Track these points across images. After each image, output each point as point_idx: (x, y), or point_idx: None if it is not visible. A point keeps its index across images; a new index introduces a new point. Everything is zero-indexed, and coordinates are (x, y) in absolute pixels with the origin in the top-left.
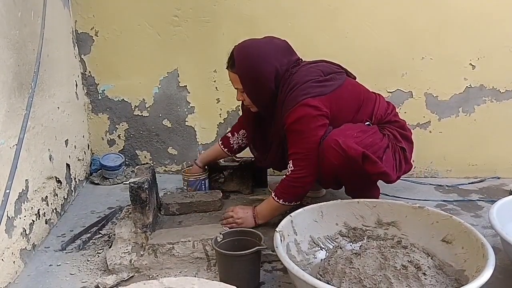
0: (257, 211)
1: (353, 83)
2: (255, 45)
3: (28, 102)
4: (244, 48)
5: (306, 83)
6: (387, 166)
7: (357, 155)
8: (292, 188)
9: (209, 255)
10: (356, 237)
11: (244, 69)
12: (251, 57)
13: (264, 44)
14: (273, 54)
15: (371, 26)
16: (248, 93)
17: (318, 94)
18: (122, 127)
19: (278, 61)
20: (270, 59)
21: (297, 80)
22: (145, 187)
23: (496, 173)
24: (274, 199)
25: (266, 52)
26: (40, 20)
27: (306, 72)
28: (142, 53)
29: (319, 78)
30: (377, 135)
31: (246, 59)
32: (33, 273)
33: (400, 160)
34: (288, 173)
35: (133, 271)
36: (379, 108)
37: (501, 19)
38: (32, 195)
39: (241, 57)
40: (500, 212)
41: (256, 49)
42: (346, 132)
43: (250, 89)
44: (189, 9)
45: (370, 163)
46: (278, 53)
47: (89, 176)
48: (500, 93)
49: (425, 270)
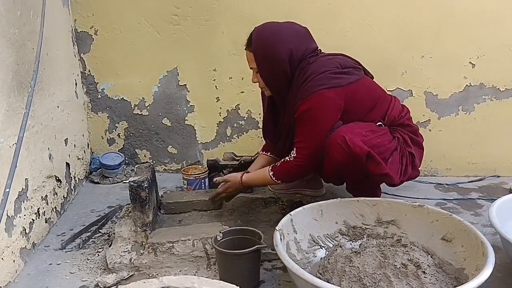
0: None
1: (370, 81)
2: (274, 27)
3: (28, 101)
4: (262, 28)
5: (323, 73)
6: (391, 169)
7: (362, 153)
8: (291, 173)
9: (209, 254)
10: (356, 235)
11: (259, 48)
12: (267, 37)
13: (283, 27)
14: (290, 37)
15: (371, 25)
16: (261, 73)
17: (334, 85)
18: (122, 126)
19: (294, 44)
20: (286, 41)
21: (314, 69)
22: (145, 186)
23: (496, 171)
24: (270, 175)
25: (283, 34)
26: (40, 18)
27: (323, 63)
28: (142, 52)
29: (336, 69)
30: (386, 137)
31: (262, 38)
32: (33, 272)
33: (407, 165)
34: (291, 159)
35: (133, 270)
36: (393, 110)
37: (501, 17)
38: (31, 194)
39: (258, 36)
40: (500, 210)
41: (274, 30)
42: (354, 129)
43: (263, 69)
44: (188, 7)
45: (374, 163)
46: (296, 37)
47: (89, 175)
48: (500, 91)
49: (425, 268)
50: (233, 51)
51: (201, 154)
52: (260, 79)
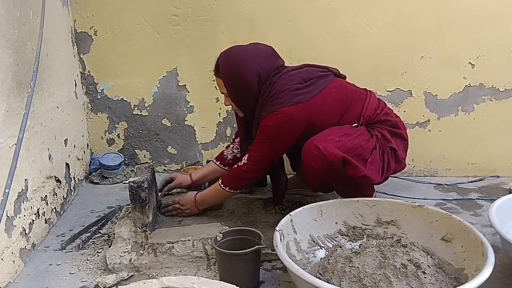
0: (198, 198)
1: (338, 85)
2: (238, 51)
3: (27, 101)
4: (228, 54)
5: (284, 91)
6: (371, 169)
7: (337, 160)
8: (239, 179)
9: (209, 254)
10: (355, 236)
11: (227, 74)
12: (233, 62)
13: (248, 50)
14: (256, 59)
15: (370, 25)
16: (232, 97)
17: (295, 102)
18: (122, 127)
19: (260, 65)
20: (252, 64)
21: (277, 89)
22: (144, 186)
23: (496, 171)
24: (221, 186)
25: (249, 57)
26: (39, 19)
27: (286, 80)
28: (141, 52)
29: (298, 85)
30: (363, 137)
31: (229, 64)
32: (33, 272)
33: (389, 161)
34: (241, 164)
35: (132, 270)
36: (368, 108)
37: (500, 17)
38: (31, 194)
39: (224, 62)
40: (500, 210)
41: (239, 54)
42: (327, 137)
43: (233, 93)
44: (188, 8)
45: (351, 167)
46: (261, 58)
47: (89, 175)
48: (500, 92)
49: (425, 268)
50: None
51: (201, 154)
52: (232, 102)
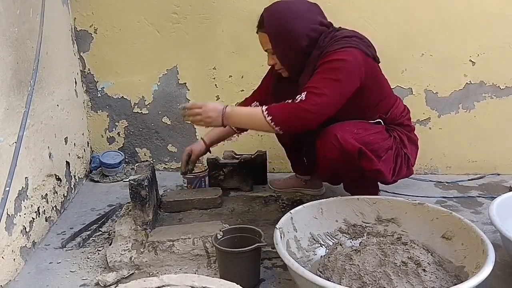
0: (228, 110)
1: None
2: (285, 5)
3: (27, 99)
4: (274, 7)
5: (351, 37)
6: (383, 166)
7: (353, 150)
8: (292, 116)
9: (209, 252)
10: (356, 233)
11: (273, 27)
12: (281, 14)
13: (295, 3)
14: (305, 12)
15: (370, 23)
16: (277, 51)
17: (362, 49)
18: (122, 125)
19: (310, 20)
20: (301, 17)
21: (341, 34)
22: (145, 185)
23: (496, 169)
24: (263, 113)
25: (297, 9)
26: (39, 17)
27: (349, 31)
28: (141, 50)
29: (363, 37)
30: (380, 135)
31: (275, 17)
32: (33, 270)
33: (402, 165)
34: (297, 101)
35: (133, 268)
36: (398, 107)
37: (501, 15)
38: (31, 192)
39: (270, 15)
40: (500, 208)
41: (286, 6)
42: (346, 127)
43: (280, 49)
44: (188, 6)
45: (366, 159)
46: (310, 12)
47: (89, 173)
48: (500, 89)
49: (425, 266)
50: (233, 50)
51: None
52: (277, 60)
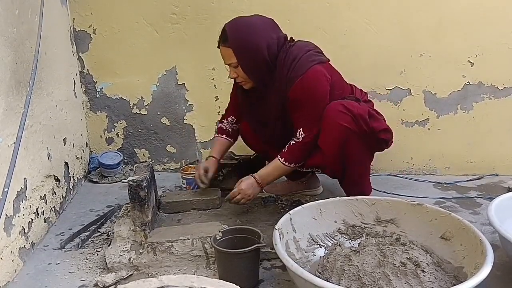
0: (259, 177)
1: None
2: (246, 19)
3: (26, 100)
4: (236, 22)
5: (309, 52)
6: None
7: (364, 112)
8: (302, 152)
9: (208, 253)
10: (355, 234)
11: (238, 41)
12: (244, 29)
13: (254, 18)
14: (264, 26)
15: (369, 24)
16: (243, 65)
17: (322, 61)
18: (121, 125)
19: (269, 33)
20: (261, 30)
21: (299, 50)
22: (143, 185)
23: (495, 170)
24: (283, 163)
25: (258, 24)
26: (38, 17)
27: (303, 44)
28: (140, 50)
29: (317, 49)
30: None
31: (239, 31)
32: (32, 271)
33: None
34: (299, 139)
35: (132, 269)
36: (356, 90)
37: (499, 16)
38: (30, 193)
39: (234, 30)
40: (499, 209)
41: (247, 21)
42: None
43: (244, 61)
44: (187, 6)
45: (375, 120)
46: (268, 26)
47: (88, 174)
48: (499, 90)
49: (424, 267)
50: None
51: (200, 153)
52: (241, 72)
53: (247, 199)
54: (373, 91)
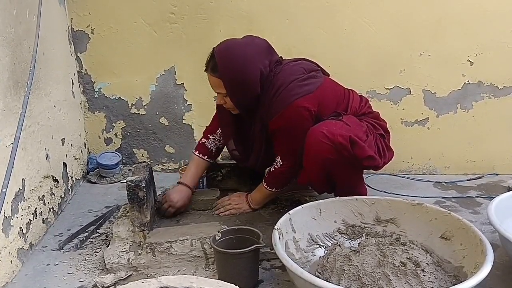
0: (251, 198)
1: (330, 81)
2: (238, 48)
3: (24, 100)
4: (227, 51)
5: (292, 82)
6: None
7: (345, 140)
8: (282, 178)
9: (207, 254)
10: (354, 234)
11: (229, 74)
12: (235, 61)
13: (247, 46)
14: (257, 56)
15: (369, 23)
16: (232, 97)
17: (306, 93)
18: (119, 126)
19: (262, 63)
20: (255, 61)
21: (282, 80)
22: (142, 186)
23: (494, 169)
24: (266, 188)
25: (251, 55)
26: (36, 17)
27: (289, 71)
28: (139, 50)
29: (303, 76)
30: (353, 120)
31: (231, 63)
32: (31, 272)
33: (383, 147)
34: (277, 166)
35: (131, 270)
36: (354, 100)
37: (498, 15)
38: (28, 194)
39: (225, 60)
40: (499, 208)
41: (240, 52)
42: (327, 124)
43: (235, 94)
44: (185, 6)
45: (358, 147)
46: (261, 54)
47: (86, 175)
48: (498, 89)
49: (424, 266)
50: None
51: None
52: (229, 101)
53: (233, 207)
54: (373, 91)
